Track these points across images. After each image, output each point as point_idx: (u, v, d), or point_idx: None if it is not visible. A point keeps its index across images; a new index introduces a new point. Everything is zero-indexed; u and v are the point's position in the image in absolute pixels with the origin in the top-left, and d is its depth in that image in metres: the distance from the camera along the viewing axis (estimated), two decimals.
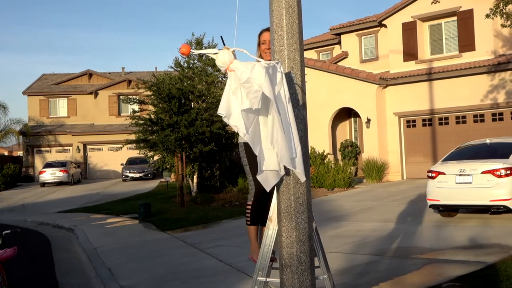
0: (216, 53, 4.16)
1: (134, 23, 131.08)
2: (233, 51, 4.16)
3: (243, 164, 5.39)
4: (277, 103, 3.94)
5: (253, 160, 5.27)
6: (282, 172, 4.08)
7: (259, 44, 5.32)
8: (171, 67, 23.96)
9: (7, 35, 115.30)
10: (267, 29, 5.19)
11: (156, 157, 24.19)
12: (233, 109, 4.03)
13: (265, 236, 4.56)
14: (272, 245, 4.51)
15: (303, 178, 4.06)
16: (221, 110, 4.01)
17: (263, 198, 5.15)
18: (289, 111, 4.00)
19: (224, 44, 4.32)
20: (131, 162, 39.85)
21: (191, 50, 4.43)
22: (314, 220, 4.43)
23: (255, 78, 3.90)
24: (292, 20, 4.23)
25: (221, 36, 4.41)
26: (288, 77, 4.18)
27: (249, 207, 5.33)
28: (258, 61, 4.08)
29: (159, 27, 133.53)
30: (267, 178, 4.06)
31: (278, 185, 4.24)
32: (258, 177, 4.06)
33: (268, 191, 4.26)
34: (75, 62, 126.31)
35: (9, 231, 7.50)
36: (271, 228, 4.50)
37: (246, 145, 5.27)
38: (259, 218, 5.35)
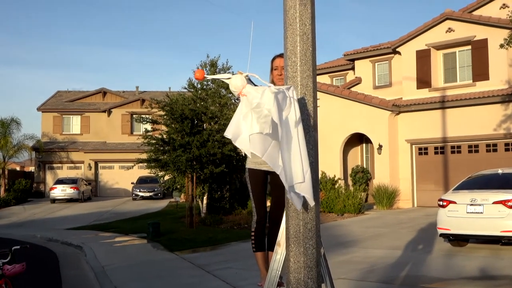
0: (229, 78, 4.20)
1: (149, 43, 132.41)
2: (246, 75, 4.21)
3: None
4: (283, 128, 3.94)
5: (255, 187, 5.31)
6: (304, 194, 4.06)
7: (271, 70, 5.37)
8: (185, 88, 24.12)
9: (23, 51, 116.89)
10: (280, 55, 5.26)
11: (166, 177, 24.23)
12: (241, 132, 4.05)
13: (273, 261, 4.55)
14: (280, 269, 4.50)
15: (312, 203, 4.04)
16: (228, 133, 4.05)
17: (274, 222, 5.17)
18: (300, 136, 3.99)
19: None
20: (141, 181, 39.99)
21: (205, 75, 4.50)
22: (322, 246, 4.43)
23: (265, 103, 3.91)
24: (306, 47, 4.26)
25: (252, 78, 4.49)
26: (301, 103, 4.20)
27: (253, 234, 5.36)
28: (269, 86, 4.11)
29: (174, 48, 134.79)
30: (293, 198, 4.03)
31: (287, 210, 4.24)
32: (289, 195, 4.02)
33: (299, 209, 4.22)
34: (90, 79, 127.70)
35: (18, 247, 7.52)
36: (279, 252, 4.49)
37: (250, 171, 5.32)
38: (264, 244, 5.37)
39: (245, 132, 4.03)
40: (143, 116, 24.08)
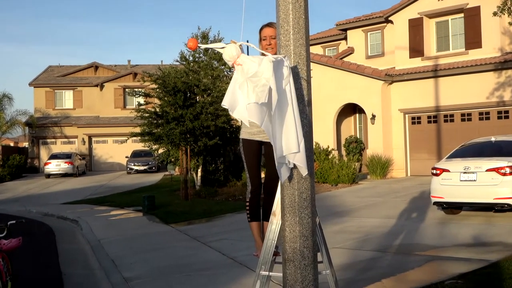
0: (223, 47, 4.15)
1: (141, 16, 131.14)
2: (240, 45, 4.16)
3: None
4: (281, 98, 3.93)
5: (249, 158, 5.28)
6: (291, 165, 4.08)
7: (260, 40, 5.29)
8: (177, 61, 24.00)
9: (14, 26, 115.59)
10: (268, 25, 5.20)
11: (160, 150, 24.26)
12: (238, 102, 4.03)
13: (269, 231, 4.57)
14: (276, 239, 4.52)
15: (305, 172, 4.06)
16: (225, 103, 4.03)
17: (269, 193, 5.18)
18: (294, 106, 3.98)
19: (247, 49, 4.32)
20: (135, 154, 39.96)
21: (198, 44, 4.45)
22: (317, 215, 4.45)
23: (263, 72, 3.89)
24: (298, 15, 4.22)
25: (247, 41, 4.43)
26: (294, 72, 4.17)
27: (247, 204, 5.37)
28: (265, 55, 4.07)
29: (165, 20, 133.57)
30: (281, 170, 4.05)
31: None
32: (277, 167, 4.05)
33: (282, 182, 4.25)
34: (81, 54, 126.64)
35: (14, 222, 7.54)
36: (275, 222, 4.51)
37: (244, 141, 5.29)
38: (259, 214, 5.38)
39: (242, 101, 4.01)
40: (136, 89, 24.00)
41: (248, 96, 3.96)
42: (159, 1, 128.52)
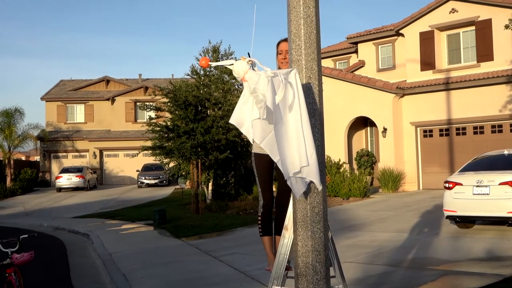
0: (232, 64, 4.20)
1: (151, 30, 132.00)
2: (250, 61, 4.18)
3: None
4: (279, 113, 3.90)
5: (261, 172, 5.25)
6: (308, 180, 4.03)
7: (277, 54, 5.35)
8: (188, 75, 24.04)
9: (26, 40, 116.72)
10: (284, 40, 5.23)
11: (171, 164, 24.26)
12: (245, 118, 4.06)
13: (281, 245, 4.55)
14: (288, 254, 4.49)
15: (319, 187, 4.02)
16: (232, 120, 4.09)
17: (281, 207, 5.15)
18: (304, 119, 3.94)
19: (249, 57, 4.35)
20: (146, 168, 40.03)
21: (209, 63, 4.52)
22: (329, 230, 4.42)
23: (260, 88, 3.91)
24: (310, 30, 4.23)
25: (248, 53, 4.47)
26: (306, 86, 4.17)
27: (259, 218, 5.34)
28: (265, 70, 4.08)
29: (176, 35, 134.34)
30: (292, 185, 4.01)
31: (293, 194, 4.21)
32: (288, 183, 4.01)
33: (297, 198, 4.22)
34: (93, 68, 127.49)
35: (26, 236, 7.56)
36: (287, 237, 4.49)
37: (256, 155, 5.28)
38: (271, 229, 5.35)
39: (248, 118, 4.02)
40: (147, 103, 24.07)
41: (253, 112, 3.99)
42: (170, 15, 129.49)
